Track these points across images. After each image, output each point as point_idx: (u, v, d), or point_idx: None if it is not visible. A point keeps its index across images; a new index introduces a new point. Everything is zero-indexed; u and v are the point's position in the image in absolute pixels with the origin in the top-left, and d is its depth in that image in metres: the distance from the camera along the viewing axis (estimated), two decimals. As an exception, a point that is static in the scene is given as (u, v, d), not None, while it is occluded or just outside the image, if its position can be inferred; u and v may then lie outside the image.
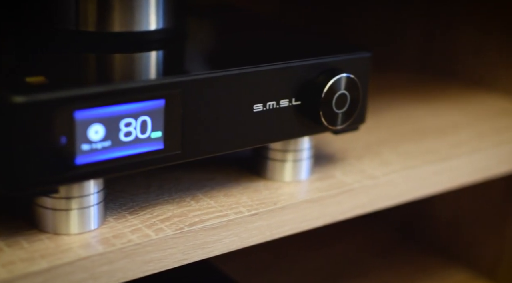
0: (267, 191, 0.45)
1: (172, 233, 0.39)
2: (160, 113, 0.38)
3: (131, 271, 0.38)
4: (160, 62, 0.43)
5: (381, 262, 0.74)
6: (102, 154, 0.36)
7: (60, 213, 0.38)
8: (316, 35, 0.49)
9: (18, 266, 0.35)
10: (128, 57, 0.42)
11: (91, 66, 0.41)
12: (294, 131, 0.44)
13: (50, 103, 0.34)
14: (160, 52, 0.43)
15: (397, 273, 0.72)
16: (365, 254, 0.75)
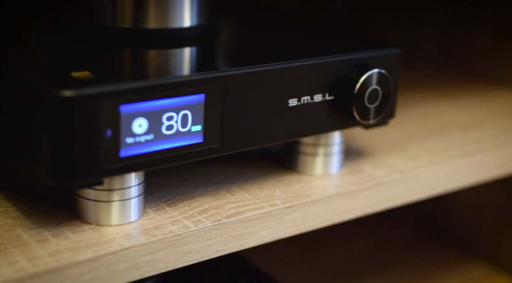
0: (299, 184, 0.46)
1: (210, 225, 0.40)
2: (200, 108, 0.38)
3: (172, 261, 0.39)
4: (198, 58, 0.43)
5: (401, 257, 0.75)
6: (145, 147, 0.37)
7: (102, 204, 0.39)
8: (347, 31, 0.50)
9: (65, 255, 0.36)
10: (165, 53, 0.43)
11: (131, 62, 0.42)
12: (326, 125, 0.45)
13: (97, 97, 0.35)
14: (196, 49, 0.44)
15: (416, 268, 0.73)
16: (385, 249, 0.76)
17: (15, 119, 0.38)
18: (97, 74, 0.36)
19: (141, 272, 0.38)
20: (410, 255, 0.75)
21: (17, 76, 0.38)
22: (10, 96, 0.38)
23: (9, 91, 0.38)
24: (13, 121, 0.38)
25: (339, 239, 0.76)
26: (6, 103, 0.39)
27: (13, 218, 0.39)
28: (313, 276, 0.70)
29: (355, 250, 0.75)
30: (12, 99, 0.38)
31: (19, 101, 0.37)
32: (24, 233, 0.38)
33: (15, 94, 0.38)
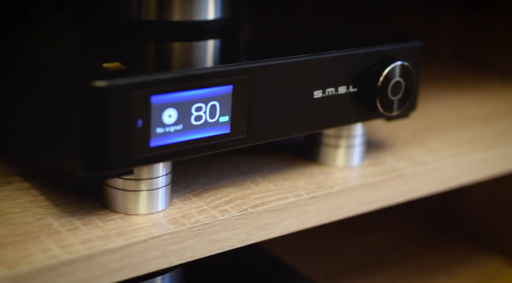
0: (322, 176, 0.46)
1: (237, 214, 0.41)
2: (228, 99, 0.39)
3: (199, 250, 0.40)
4: (225, 50, 0.44)
5: (416, 250, 0.75)
6: (174, 137, 0.38)
7: (130, 194, 0.39)
8: (371, 24, 0.51)
9: (96, 243, 0.37)
10: (191, 45, 0.44)
11: (159, 54, 0.43)
12: (350, 117, 0.45)
13: (129, 88, 0.35)
14: (221, 41, 0.45)
15: (431, 261, 0.74)
16: (400, 242, 0.76)
17: (47, 109, 0.38)
18: (127, 65, 0.37)
19: (169, 260, 0.39)
20: (425, 248, 0.76)
21: (49, 68, 0.38)
22: (41, 88, 0.39)
23: (39, 83, 0.39)
24: (45, 112, 0.38)
25: (355, 232, 0.77)
26: (37, 94, 0.39)
27: (43, 207, 0.40)
28: (329, 268, 0.71)
29: (371, 243, 0.76)
30: (43, 90, 0.38)
31: (50, 92, 0.38)
32: (54, 221, 0.38)
33: (46, 85, 0.38)
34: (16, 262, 0.34)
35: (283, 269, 0.54)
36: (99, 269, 0.36)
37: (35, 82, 0.39)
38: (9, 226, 0.37)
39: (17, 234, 0.37)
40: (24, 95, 0.41)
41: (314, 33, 0.48)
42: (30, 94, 0.40)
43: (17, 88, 0.41)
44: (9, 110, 0.43)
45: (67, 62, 0.39)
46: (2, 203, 0.40)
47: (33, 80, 0.40)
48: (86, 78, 0.35)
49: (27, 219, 0.38)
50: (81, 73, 0.36)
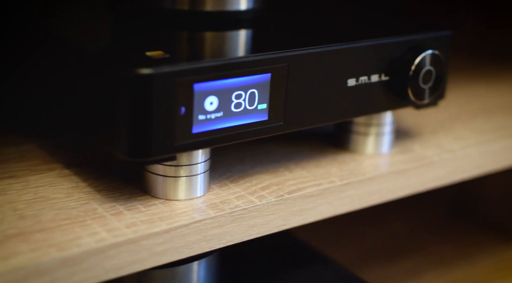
0: (353, 163, 0.47)
1: (274, 200, 0.42)
2: (267, 86, 0.40)
3: (238, 234, 0.41)
4: (262, 39, 0.45)
5: (435, 238, 0.76)
6: (215, 124, 0.39)
7: (170, 179, 0.40)
8: (401, 14, 0.52)
9: (140, 227, 0.37)
10: (227, 35, 0.45)
11: (197, 43, 0.44)
12: (381, 105, 0.46)
13: (173, 75, 0.36)
14: (255, 30, 0.46)
15: (451, 249, 0.74)
16: (419, 230, 0.77)
17: (91, 96, 0.39)
18: (170, 53, 0.38)
19: (210, 244, 0.40)
20: (444, 237, 0.76)
21: (91, 55, 0.39)
22: (84, 75, 0.40)
23: (82, 70, 0.40)
24: (90, 98, 0.39)
25: (375, 221, 0.77)
26: (81, 81, 0.40)
27: (85, 192, 0.41)
28: (350, 256, 0.72)
29: (391, 232, 0.76)
30: (87, 78, 0.39)
31: (95, 79, 0.38)
32: (98, 206, 0.39)
33: (89, 73, 0.39)
34: (66, 245, 0.35)
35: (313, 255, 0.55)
36: (144, 252, 0.37)
37: (77, 69, 0.40)
38: (55, 211, 0.38)
39: (64, 219, 0.38)
40: (68, 82, 0.42)
41: (346, 22, 0.49)
42: (74, 81, 0.41)
43: (60, 75, 0.42)
44: (52, 97, 0.44)
45: (110, 50, 0.40)
46: (46, 189, 0.41)
47: (74, 67, 0.41)
48: (133, 66, 0.36)
49: (72, 204, 0.39)
50: (127, 61, 0.37)
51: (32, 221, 0.37)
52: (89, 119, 0.41)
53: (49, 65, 0.43)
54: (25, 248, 0.35)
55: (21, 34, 0.46)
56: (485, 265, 0.73)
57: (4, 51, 0.48)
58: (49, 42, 0.43)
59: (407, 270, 0.70)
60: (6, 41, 0.47)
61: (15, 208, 0.38)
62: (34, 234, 0.36)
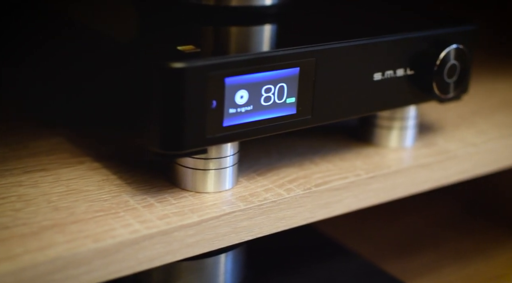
0: (378, 156, 0.48)
1: (301, 193, 0.42)
2: (295, 80, 0.40)
3: (266, 226, 0.41)
4: (289, 33, 0.45)
5: (451, 233, 0.76)
6: (245, 117, 0.39)
7: (200, 172, 0.41)
8: (425, 8, 0.52)
9: (172, 219, 0.38)
10: (253, 29, 0.45)
11: (225, 37, 0.44)
12: (406, 99, 0.46)
13: (205, 69, 0.37)
14: (281, 25, 0.46)
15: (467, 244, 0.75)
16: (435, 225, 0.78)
17: (124, 90, 0.40)
18: (201, 48, 0.38)
19: (239, 236, 0.40)
20: (461, 232, 0.77)
21: (123, 49, 0.39)
22: (115, 67, 0.40)
23: (115, 64, 0.40)
24: (122, 92, 0.40)
25: (392, 216, 0.78)
26: (112, 74, 0.41)
27: (116, 185, 0.41)
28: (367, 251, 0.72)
29: (408, 227, 0.77)
30: (119, 72, 0.40)
31: (127, 73, 0.39)
32: (130, 199, 0.40)
33: (122, 67, 0.40)
34: (101, 236, 0.36)
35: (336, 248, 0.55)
36: (176, 244, 0.38)
37: (107, 62, 0.41)
38: (88, 203, 0.39)
39: (97, 210, 0.38)
40: (97, 75, 0.42)
41: (371, 16, 0.50)
42: (103, 74, 0.42)
43: (90, 68, 0.43)
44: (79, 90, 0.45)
45: (139, 43, 0.40)
46: (77, 181, 0.41)
47: (104, 60, 0.41)
48: (165, 59, 0.36)
49: (104, 196, 0.40)
50: (160, 55, 0.37)
51: (66, 213, 0.38)
52: (119, 112, 0.41)
53: (79, 58, 0.44)
54: (61, 239, 0.35)
55: (49, 28, 0.47)
56: (502, 260, 0.73)
57: (34, 44, 0.48)
58: (77, 35, 0.44)
59: (424, 264, 0.71)
60: (34, 34, 0.48)
61: (48, 200, 0.39)
62: (69, 226, 0.37)
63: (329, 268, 0.52)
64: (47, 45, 0.47)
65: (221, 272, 0.46)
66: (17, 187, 0.40)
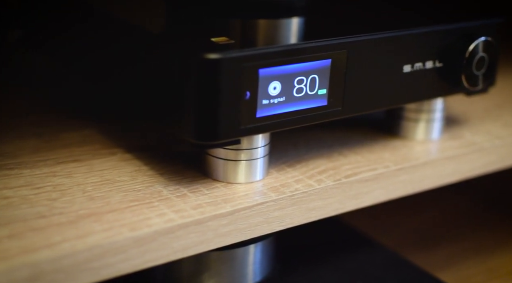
0: (405, 149, 0.48)
1: (332, 184, 0.43)
2: (327, 72, 0.41)
3: (297, 217, 0.42)
4: (320, 26, 0.45)
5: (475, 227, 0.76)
6: (278, 108, 0.39)
7: (231, 163, 0.41)
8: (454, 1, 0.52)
9: (206, 209, 0.38)
10: (283, 22, 0.45)
11: (256, 29, 0.44)
12: (435, 91, 0.47)
13: (240, 60, 0.37)
14: (311, 18, 0.46)
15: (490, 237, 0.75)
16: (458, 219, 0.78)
17: (157, 81, 0.40)
18: (234, 39, 0.39)
19: (271, 226, 0.41)
20: (481, 225, 0.77)
21: (158, 41, 0.40)
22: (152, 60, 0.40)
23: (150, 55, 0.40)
24: (155, 84, 0.40)
25: (413, 209, 0.78)
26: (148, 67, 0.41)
27: (148, 176, 0.42)
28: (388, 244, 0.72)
29: (427, 220, 0.77)
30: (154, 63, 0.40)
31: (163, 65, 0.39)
32: (163, 189, 0.40)
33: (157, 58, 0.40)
34: (137, 225, 0.36)
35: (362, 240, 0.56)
36: (210, 233, 0.38)
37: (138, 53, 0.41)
38: (122, 193, 0.39)
39: (131, 200, 0.39)
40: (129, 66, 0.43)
41: (400, 9, 0.50)
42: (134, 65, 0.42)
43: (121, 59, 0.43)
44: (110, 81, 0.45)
45: (172, 35, 0.40)
46: (110, 172, 0.42)
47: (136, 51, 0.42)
48: (201, 51, 0.37)
49: (137, 186, 0.40)
50: (195, 47, 0.37)
51: (101, 202, 0.38)
52: (152, 103, 0.42)
53: (112, 49, 0.44)
54: (98, 227, 0.36)
55: (82, 19, 0.47)
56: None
57: (66, 36, 0.49)
58: (110, 27, 0.44)
59: (445, 257, 0.71)
60: (67, 25, 0.49)
61: (83, 190, 0.39)
62: (105, 215, 0.37)
63: (356, 260, 0.52)
64: (79, 37, 0.47)
65: (250, 263, 0.46)
66: (51, 177, 0.41)
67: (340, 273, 0.50)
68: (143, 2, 0.48)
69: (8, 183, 0.39)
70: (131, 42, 0.42)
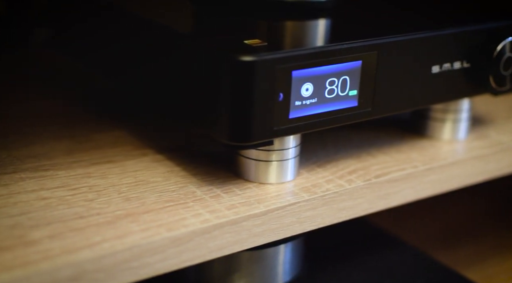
0: (432, 149, 0.48)
1: (362, 184, 0.43)
2: (357, 73, 0.41)
3: (328, 217, 0.42)
4: (349, 27, 0.46)
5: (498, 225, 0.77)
6: (310, 110, 0.40)
7: (263, 163, 0.42)
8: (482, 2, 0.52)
9: (240, 209, 0.39)
10: (312, 23, 0.46)
11: (286, 31, 0.45)
12: (463, 91, 0.47)
13: (274, 62, 0.37)
14: (339, 19, 0.47)
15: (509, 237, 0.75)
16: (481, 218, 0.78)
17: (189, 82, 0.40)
18: (267, 41, 0.39)
19: (303, 226, 0.41)
20: (503, 224, 0.77)
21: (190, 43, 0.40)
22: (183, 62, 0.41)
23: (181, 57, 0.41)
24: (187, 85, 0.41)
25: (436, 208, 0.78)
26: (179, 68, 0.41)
27: (181, 176, 0.42)
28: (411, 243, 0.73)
29: (449, 219, 0.77)
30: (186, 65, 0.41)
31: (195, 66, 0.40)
32: (196, 189, 0.41)
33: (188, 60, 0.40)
34: (174, 225, 0.37)
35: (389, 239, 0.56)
36: (244, 233, 0.39)
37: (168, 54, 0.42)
38: (157, 194, 0.40)
39: (167, 201, 0.39)
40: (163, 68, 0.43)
41: (426, 10, 0.50)
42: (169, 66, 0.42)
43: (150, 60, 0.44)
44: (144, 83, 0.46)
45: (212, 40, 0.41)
46: (143, 173, 0.42)
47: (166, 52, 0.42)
48: (235, 53, 0.37)
49: (171, 187, 0.41)
50: (228, 49, 0.38)
51: (137, 203, 0.39)
52: (184, 104, 0.42)
53: (142, 51, 0.45)
54: (136, 228, 0.36)
55: (111, 21, 0.48)
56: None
57: (96, 39, 0.49)
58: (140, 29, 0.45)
59: (467, 256, 0.71)
60: (96, 28, 0.49)
61: (119, 191, 0.40)
62: (142, 215, 0.38)
63: (384, 259, 0.52)
64: (109, 39, 0.48)
65: (281, 263, 0.46)
66: (86, 178, 0.41)
67: (369, 272, 0.51)
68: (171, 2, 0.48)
69: (44, 184, 0.40)
70: (161, 43, 0.43)
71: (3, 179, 0.40)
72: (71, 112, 0.50)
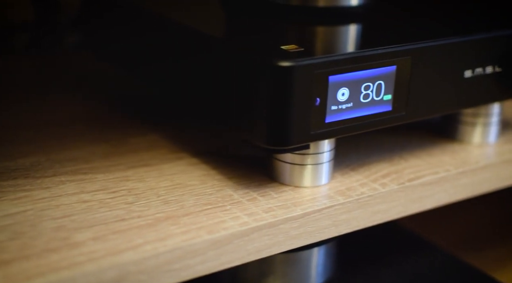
0: (464, 152, 0.49)
1: (396, 187, 0.43)
2: (392, 78, 0.42)
3: (363, 220, 0.43)
4: (382, 33, 0.46)
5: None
6: (345, 114, 0.40)
7: (297, 167, 0.42)
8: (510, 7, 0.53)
9: (277, 212, 0.39)
10: (345, 29, 0.46)
11: (321, 37, 0.45)
12: (494, 96, 0.47)
13: (311, 67, 0.38)
14: (371, 24, 0.47)
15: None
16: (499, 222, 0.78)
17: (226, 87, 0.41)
18: (303, 47, 0.40)
19: (338, 229, 0.42)
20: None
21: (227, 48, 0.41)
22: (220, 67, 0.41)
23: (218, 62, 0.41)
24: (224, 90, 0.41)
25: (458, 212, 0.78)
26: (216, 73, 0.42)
27: (218, 180, 0.43)
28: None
29: (474, 223, 0.77)
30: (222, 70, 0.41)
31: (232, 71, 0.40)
32: (233, 193, 0.41)
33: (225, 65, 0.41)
34: (213, 228, 0.37)
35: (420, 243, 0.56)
36: (282, 236, 0.39)
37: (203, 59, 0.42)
38: (195, 197, 0.41)
39: (205, 204, 0.40)
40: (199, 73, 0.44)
41: (458, 15, 0.51)
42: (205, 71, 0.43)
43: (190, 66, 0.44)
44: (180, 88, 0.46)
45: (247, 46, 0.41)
46: (180, 176, 0.43)
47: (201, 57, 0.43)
48: (273, 58, 0.38)
49: (208, 190, 0.41)
50: (267, 54, 0.38)
51: (176, 206, 0.39)
52: (221, 109, 0.43)
53: (178, 56, 0.45)
54: (177, 230, 0.37)
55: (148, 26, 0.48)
56: None
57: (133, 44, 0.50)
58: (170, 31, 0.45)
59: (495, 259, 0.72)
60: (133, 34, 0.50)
61: (157, 194, 0.41)
62: (181, 218, 0.38)
63: (416, 262, 0.53)
64: (145, 44, 0.49)
65: (314, 265, 0.47)
66: (125, 181, 0.42)
67: (400, 275, 0.51)
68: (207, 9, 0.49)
69: (84, 188, 0.41)
70: (199, 48, 0.43)
71: (44, 182, 0.41)
72: (105, 116, 0.51)
